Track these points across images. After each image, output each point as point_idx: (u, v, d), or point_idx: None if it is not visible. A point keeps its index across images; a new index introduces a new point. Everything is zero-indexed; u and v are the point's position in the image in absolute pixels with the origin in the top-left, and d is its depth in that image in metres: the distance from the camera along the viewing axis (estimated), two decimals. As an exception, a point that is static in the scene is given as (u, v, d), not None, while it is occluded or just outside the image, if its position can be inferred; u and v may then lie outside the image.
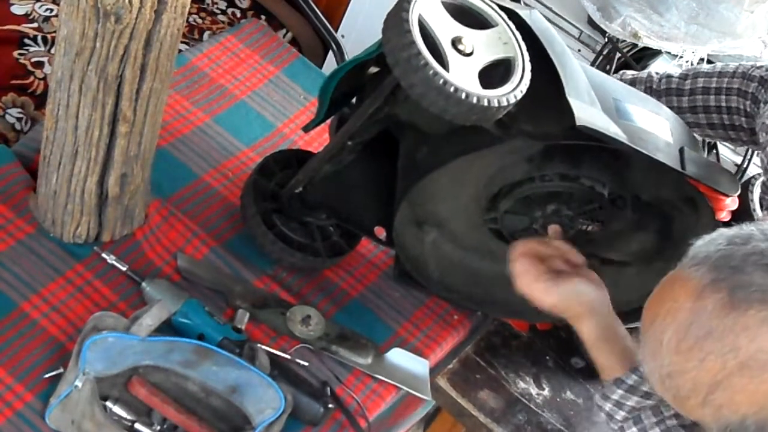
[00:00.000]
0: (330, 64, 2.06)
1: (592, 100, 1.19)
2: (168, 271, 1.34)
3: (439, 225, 1.39)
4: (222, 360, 1.17)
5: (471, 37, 1.14)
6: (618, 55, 2.01)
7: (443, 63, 1.10)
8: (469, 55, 1.14)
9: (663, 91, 1.47)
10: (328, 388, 1.29)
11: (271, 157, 1.47)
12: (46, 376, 1.17)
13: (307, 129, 1.38)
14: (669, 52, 2.01)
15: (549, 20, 2.17)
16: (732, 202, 1.25)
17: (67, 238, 1.31)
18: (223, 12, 2.01)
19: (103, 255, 1.30)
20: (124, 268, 1.30)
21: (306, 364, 1.31)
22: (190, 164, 1.50)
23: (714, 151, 1.83)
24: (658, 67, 2.02)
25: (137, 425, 1.16)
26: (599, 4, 1.87)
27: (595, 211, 1.29)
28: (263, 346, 1.26)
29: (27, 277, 1.26)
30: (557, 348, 1.51)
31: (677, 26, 1.77)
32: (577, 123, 1.13)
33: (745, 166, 1.82)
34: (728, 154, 1.82)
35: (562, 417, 1.41)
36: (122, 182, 1.26)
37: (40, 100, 1.65)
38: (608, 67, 2.04)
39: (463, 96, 1.08)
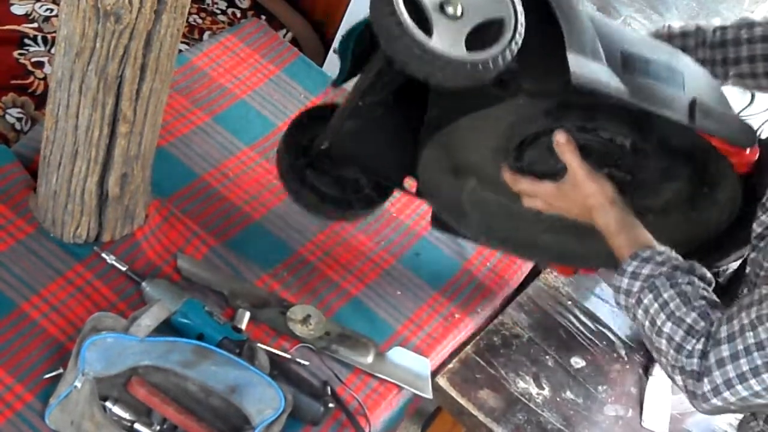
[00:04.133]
0: (330, 63, 2.06)
1: (595, 53, 1.18)
2: (168, 271, 1.34)
3: (476, 173, 1.38)
4: (221, 360, 1.17)
5: None
6: (618, 54, 2.01)
7: (428, 28, 1.10)
8: (458, 17, 1.13)
9: (718, 43, 1.45)
10: (329, 388, 1.29)
11: (306, 112, 1.46)
12: (46, 376, 1.17)
13: (334, 84, 1.35)
14: (669, 52, 2.00)
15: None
16: (751, 154, 1.25)
17: (67, 239, 1.31)
18: (223, 12, 2.01)
19: (103, 255, 1.30)
20: (123, 269, 1.30)
21: (306, 363, 1.31)
22: (191, 164, 1.50)
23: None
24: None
25: (137, 425, 1.16)
26: (599, 4, 1.87)
27: (619, 161, 1.28)
28: (263, 346, 1.26)
29: (27, 277, 1.26)
30: (557, 348, 1.51)
31: (677, 26, 1.78)
32: (573, 80, 1.13)
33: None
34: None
35: (561, 417, 1.41)
36: (122, 182, 1.26)
37: (40, 100, 1.65)
38: (608, 66, 2.04)
39: (445, 62, 1.09)
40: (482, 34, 1.13)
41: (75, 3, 1.07)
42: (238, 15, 2.02)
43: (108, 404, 1.16)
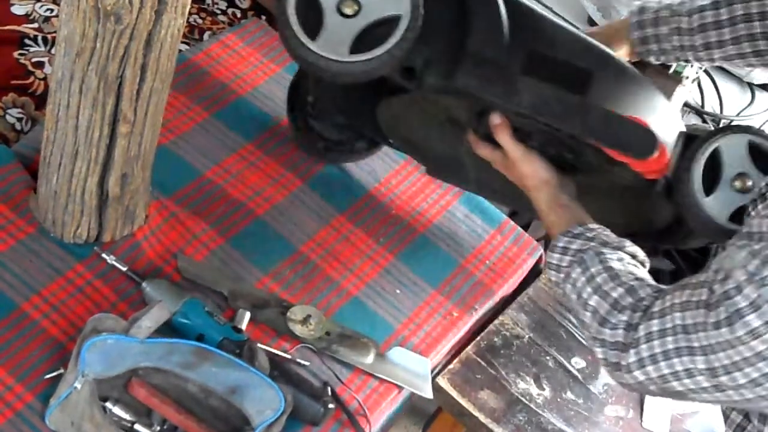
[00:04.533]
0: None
1: (497, 52, 1.21)
2: (168, 271, 1.34)
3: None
4: (221, 361, 1.17)
5: None
6: (619, 54, 2.01)
7: (319, 28, 1.17)
8: (353, 16, 1.18)
9: (697, 28, 1.40)
10: (329, 388, 1.29)
11: (298, 71, 1.55)
12: (47, 376, 1.17)
13: None
14: (670, 52, 2.00)
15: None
16: (652, 163, 1.26)
17: (68, 239, 1.31)
18: (224, 12, 2.01)
19: (103, 255, 1.30)
20: (124, 269, 1.30)
21: (307, 363, 1.31)
22: (192, 162, 1.50)
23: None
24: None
25: (137, 426, 1.16)
26: (599, 4, 1.87)
27: (560, 143, 1.30)
28: (263, 346, 1.26)
29: (27, 277, 1.26)
30: (558, 348, 1.51)
31: (678, 26, 1.77)
32: (454, 83, 1.21)
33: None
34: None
35: (562, 417, 1.41)
36: (122, 182, 1.26)
37: (41, 101, 1.64)
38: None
39: (326, 62, 1.17)
40: (385, 30, 1.18)
41: (75, 3, 1.07)
42: (239, 15, 2.02)
43: (108, 405, 1.16)
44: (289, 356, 1.30)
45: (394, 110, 1.44)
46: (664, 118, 1.31)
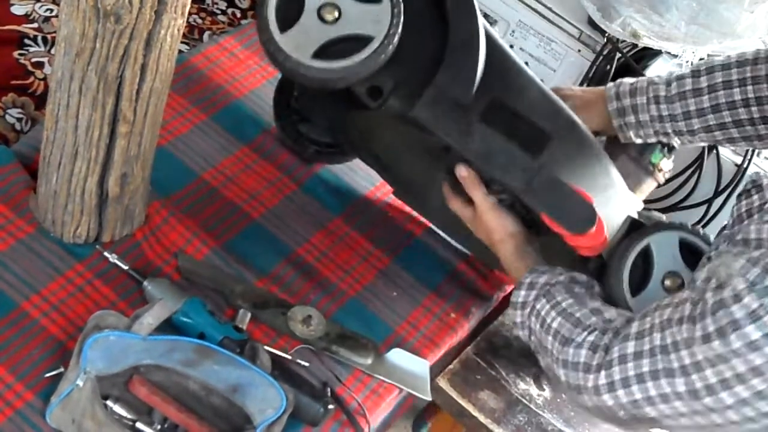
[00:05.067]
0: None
1: (461, 91, 1.22)
2: (168, 271, 1.34)
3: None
4: (223, 359, 1.17)
5: (347, 6, 1.19)
6: (618, 55, 2.01)
7: (290, 23, 1.18)
8: (330, 23, 1.19)
9: (677, 95, 1.38)
10: (329, 389, 1.29)
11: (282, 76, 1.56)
12: (47, 375, 1.17)
13: None
14: (669, 52, 2.01)
15: (549, 20, 2.18)
16: (588, 240, 1.24)
17: (68, 238, 1.31)
18: (224, 12, 2.01)
19: (105, 254, 1.30)
20: (125, 267, 1.30)
21: (306, 364, 1.31)
22: (190, 163, 1.50)
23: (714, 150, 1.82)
24: (657, 69, 2.02)
25: (138, 424, 1.16)
26: (599, 4, 1.87)
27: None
28: (263, 346, 1.26)
29: (27, 276, 1.26)
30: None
31: (677, 26, 1.77)
32: (411, 111, 1.21)
33: (745, 166, 1.82)
34: (728, 154, 1.81)
35: (562, 418, 1.41)
36: (122, 182, 1.26)
37: (40, 101, 1.64)
38: (608, 67, 2.04)
39: (284, 58, 1.18)
40: (354, 46, 1.19)
41: (75, 3, 1.07)
42: (239, 15, 2.02)
43: (109, 403, 1.16)
44: (289, 356, 1.30)
45: (363, 124, 1.44)
46: (615, 199, 1.30)
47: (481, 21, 1.24)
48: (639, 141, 1.43)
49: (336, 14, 1.19)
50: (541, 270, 1.22)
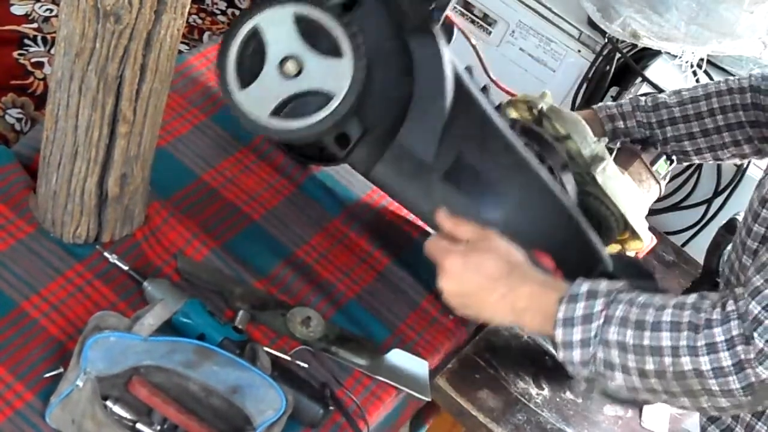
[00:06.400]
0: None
1: (423, 148, 1.17)
2: (168, 271, 1.34)
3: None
4: (223, 360, 1.17)
5: (309, 59, 1.15)
6: (618, 55, 2.01)
7: (251, 79, 1.15)
8: (292, 77, 1.16)
9: (652, 107, 1.46)
10: (328, 390, 1.29)
11: None
12: (47, 375, 1.17)
13: None
14: (669, 53, 2.01)
15: (549, 21, 2.18)
16: None
17: (67, 239, 1.31)
18: (223, 12, 2.02)
19: (105, 254, 1.30)
20: (125, 268, 1.30)
21: (306, 365, 1.31)
22: (190, 164, 1.50)
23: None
24: (656, 69, 2.02)
25: (138, 425, 1.16)
26: (599, 4, 1.87)
27: None
28: (263, 347, 1.26)
29: (27, 276, 1.26)
30: (557, 348, 1.51)
31: (677, 27, 1.78)
32: (372, 169, 1.18)
33: (745, 166, 1.82)
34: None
35: (561, 417, 1.41)
36: (122, 182, 1.26)
37: (40, 101, 1.65)
38: (608, 67, 2.04)
39: (242, 117, 1.16)
40: (316, 101, 1.16)
41: (75, 3, 1.07)
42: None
43: (109, 403, 1.16)
44: (288, 358, 1.30)
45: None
46: (582, 252, 1.27)
47: (449, 70, 1.17)
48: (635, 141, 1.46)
49: (297, 68, 1.16)
50: (585, 280, 1.06)
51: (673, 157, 1.46)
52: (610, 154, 1.32)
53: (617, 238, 1.28)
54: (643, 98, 1.47)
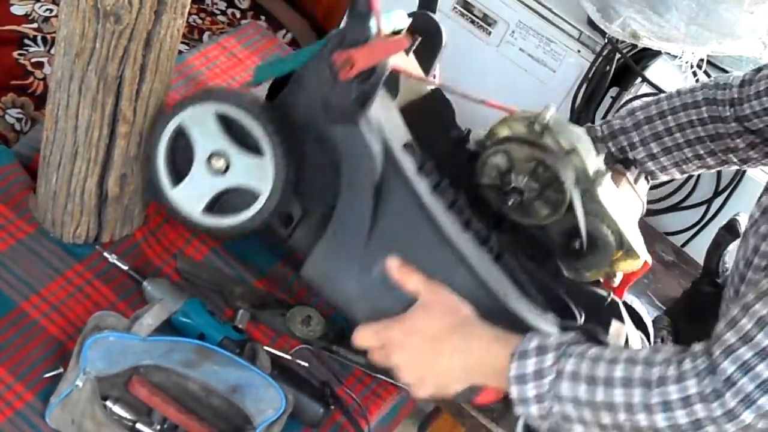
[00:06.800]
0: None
1: (352, 241, 1.15)
2: (167, 271, 1.34)
3: None
4: (223, 360, 1.17)
5: (235, 156, 1.16)
6: (618, 55, 2.01)
7: (182, 175, 1.18)
8: (220, 173, 1.17)
9: (630, 117, 1.42)
10: (328, 389, 1.29)
11: None
12: (46, 375, 1.17)
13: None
14: (669, 53, 2.01)
15: (548, 21, 2.18)
16: None
17: (67, 239, 1.31)
18: (223, 12, 2.02)
19: (105, 254, 1.30)
20: (125, 268, 1.30)
21: (306, 364, 1.31)
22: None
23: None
24: (656, 70, 2.02)
25: (138, 425, 1.17)
26: (599, 4, 1.87)
27: None
28: (263, 347, 1.26)
29: (27, 276, 1.26)
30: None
31: (677, 27, 1.78)
32: (302, 272, 1.18)
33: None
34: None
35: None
36: (122, 183, 1.26)
37: (40, 101, 1.65)
38: (608, 67, 2.04)
39: (176, 214, 1.20)
40: (247, 196, 1.18)
41: (75, 3, 1.07)
42: (238, 15, 2.02)
43: (108, 403, 1.16)
44: (288, 357, 1.30)
45: None
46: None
47: (375, 163, 1.12)
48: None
49: (225, 164, 1.17)
50: (536, 334, 1.05)
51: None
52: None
53: (612, 256, 1.27)
54: (598, 128, 1.42)
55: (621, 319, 1.26)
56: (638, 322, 1.37)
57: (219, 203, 1.20)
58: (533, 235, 1.28)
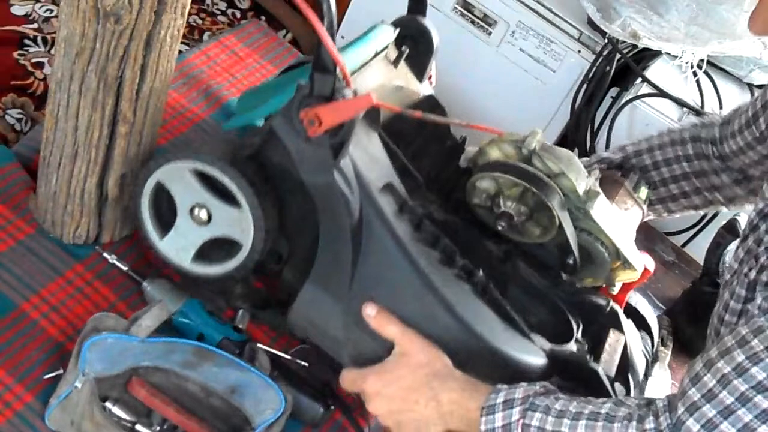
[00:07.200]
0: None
1: (337, 284, 1.16)
2: (167, 271, 1.34)
3: None
4: (222, 361, 1.17)
5: (215, 207, 1.19)
6: (618, 56, 2.01)
7: (169, 226, 1.21)
8: (204, 223, 1.19)
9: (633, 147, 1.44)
10: (328, 389, 1.29)
11: None
12: (46, 377, 1.17)
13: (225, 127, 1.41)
14: (669, 53, 2.01)
15: (549, 21, 2.18)
16: None
17: (67, 239, 1.31)
18: (223, 13, 2.02)
19: (104, 254, 1.30)
20: (125, 268, 1.30)
21: (306, 364, 1.31)
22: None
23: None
24: (656, 70, 2.02)
25: (137, 426, 1.16)
26: (599, 4, 1.87)
27: None
28: (264, 347, 1.26)
29: (27, 277, 1.26)
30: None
31: (677, 27, 1.78)
32: (288, 318, 1.21)
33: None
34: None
35: (561, 418, 1.41)
36: (122, 183, 1.26)
37: (40, 101, 1.65)
38: (608, 67, 2.04)
39: (168, 264, 1.24)
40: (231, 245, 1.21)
41: (75, 3, 1.07)
42: (238, 16, 2.02)
43: (108, 404, 1.16)
44: (289, 357, 1.30)
45: None
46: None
47: (351, 209, 1.12)
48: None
49: (207, 215, 1.19)
50: (503, 387, 1.08)
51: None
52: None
53: (608, 269, 1.29)
54: (586, 159, 1.43)
55: (620, 328, 1.27)
56: (643, 323, 1.37)
57: (209, 252, 1.23)
58: (531, 249, 1.29)
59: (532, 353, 1.17)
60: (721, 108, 1.98)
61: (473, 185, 1.27)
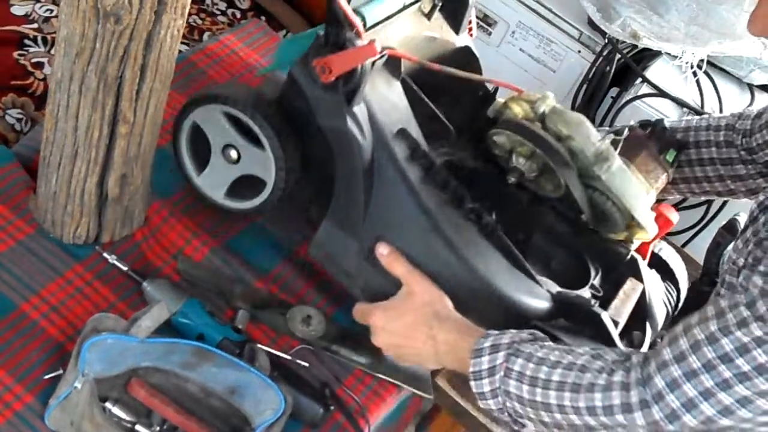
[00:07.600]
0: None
1: (353, 229, 1.24)
2: (168, 272, 1.34)
3: None
4: (222, 361, 1.17)
5: (244, 148, 1.29)
6: (618, 56, 2.01)
7: (204, 165, 1.32)
8: (234, 162, 1.30)
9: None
10: (329, 389, 1.29)
11: None
12: (46, 377, 1.17)
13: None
14: (669, 53, 2.01)
15: (549, 21, 2.18)
16: None
17: (67, 239, 1.31)
18: (223, 13, 2.02)
19: (104, 255, 1.30)
20: (125, 268, 1.30)
21: (306, 364, 1.31)
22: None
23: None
24: (656, 70, 2.02)
25: (137, 426, 1.16)
26: (599, 5, 1.87)
27: None
28: (263, 347, 1.26)
29: (27, 277, 1.26)
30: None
31: (677, 27, 1.78)
32: (308, 250, 1.30)
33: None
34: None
35: (561, 418, 1.41)
36: (122, 183, 1.26)
37: (40, 101, 1.65)
38: (608, 68, 2.04)
39: (203, 198, 1.35)
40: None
41: (75, 3, 1.07)
42: (238, 16, 2.02)
43: (108, 405, 1.16)
44: (288, 357, 1.30)
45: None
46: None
47: (364, 152, 1.20)
48: None
49: (238, 154, 1.29)
50: (493, 333, 1.14)
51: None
52: (618, 144, 1.33)
53: (623, 227, 1.33)
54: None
55: (639, 276, 1.31)
56: (670, 275, 1.42)
57: (240, 186, 1.32)
58: (554, 200, 1.35)
59: (535, 295, 1.22)
60: (721, 108, 1.98)
61: (492, 138, 1.33)
